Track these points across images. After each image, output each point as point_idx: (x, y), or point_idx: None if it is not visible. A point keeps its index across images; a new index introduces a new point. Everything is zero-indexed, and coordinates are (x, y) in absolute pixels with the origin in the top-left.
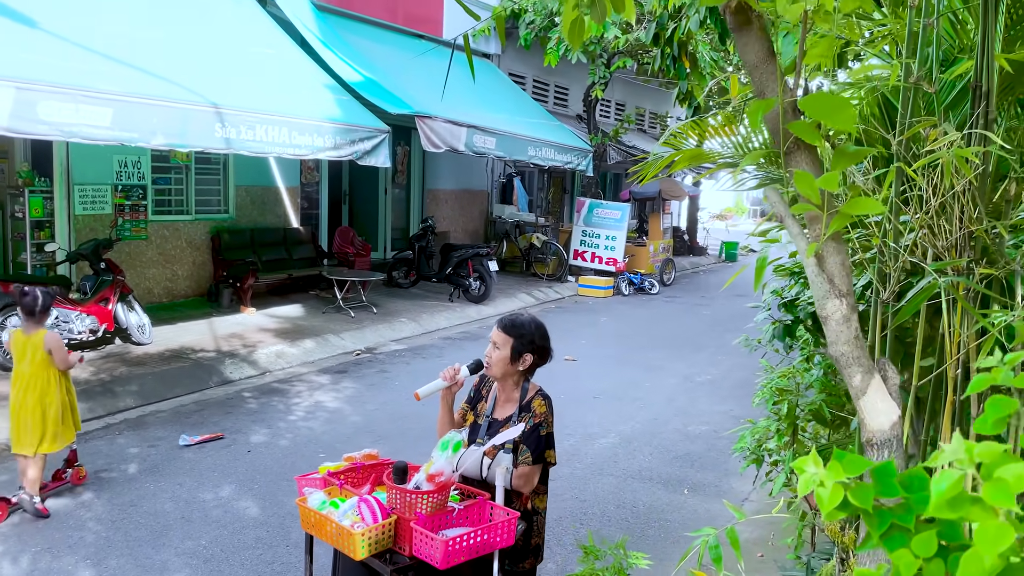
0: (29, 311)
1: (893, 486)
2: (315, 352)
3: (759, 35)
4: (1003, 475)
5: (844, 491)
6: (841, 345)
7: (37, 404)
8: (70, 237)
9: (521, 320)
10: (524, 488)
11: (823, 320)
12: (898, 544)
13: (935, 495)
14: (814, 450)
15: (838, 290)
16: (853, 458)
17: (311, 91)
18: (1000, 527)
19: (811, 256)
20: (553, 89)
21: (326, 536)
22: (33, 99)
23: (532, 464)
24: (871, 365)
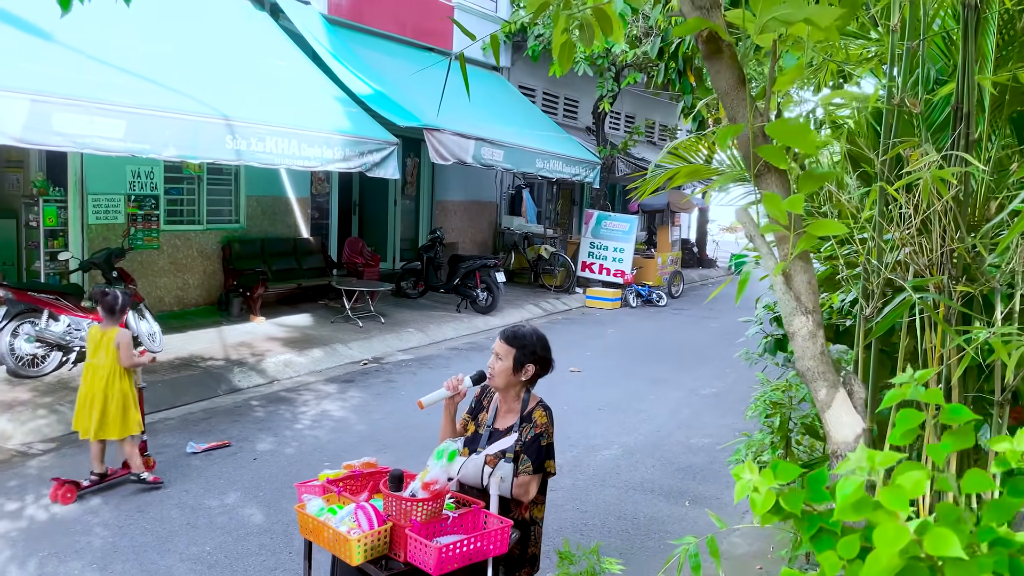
0: (109, 309)
1: (823, 493)
2: (323, 361)
3: (729, 64)
4: (900, 481)
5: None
6: (807, 360)
7: (100, 394)
8: (83, 246)
9: (523, 331)
10: (523, 497)
11: (790, 336)
12: (826, 546)
13: (839, 500)
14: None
15: (804, 307)
16: (786, 466)
17: (321, 103)
18: (897, 528)
19: (778, 275)
20: (563, 101)
21: (323, 542)
22: (48, 111)
23: (532, 473)
24: (836, 380)
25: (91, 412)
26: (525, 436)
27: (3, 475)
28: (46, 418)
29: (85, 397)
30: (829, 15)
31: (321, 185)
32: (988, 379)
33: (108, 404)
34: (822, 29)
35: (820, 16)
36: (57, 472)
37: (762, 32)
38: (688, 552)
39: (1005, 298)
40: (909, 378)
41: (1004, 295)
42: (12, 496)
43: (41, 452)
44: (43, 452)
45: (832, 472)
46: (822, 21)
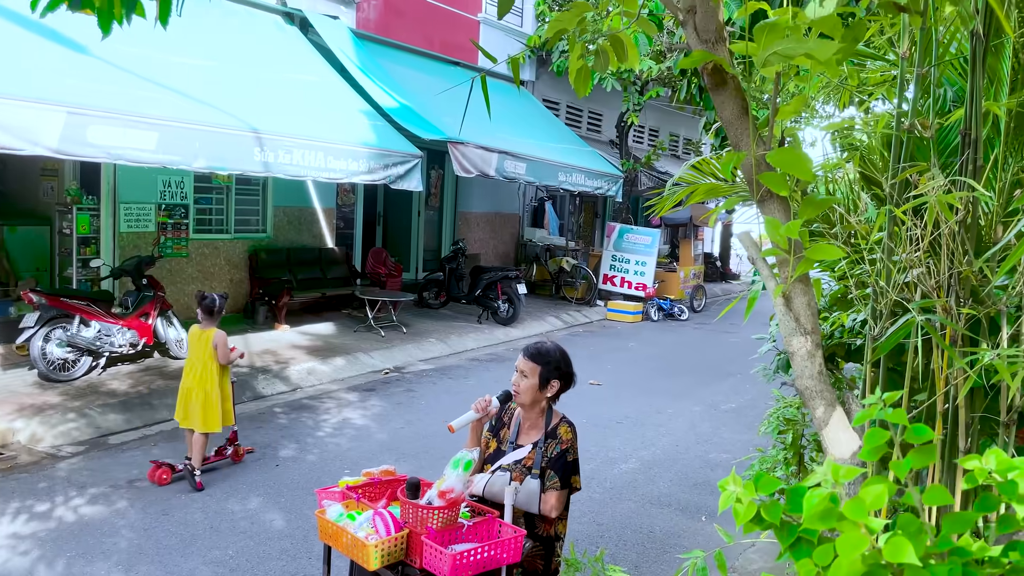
0: (207, 311)
1: (801, 505)
2: (345, 370)
3: (734, 94)
4: (863, 494)
5: (758, 508)
6: (805, 379)
7: (199, 388)
8: (114, 253)
9: (546, 348)
10: (552, 513)
11: (790, 355)
12: (803, 555)
13: (806, 510)
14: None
15: (803, 328)
16: (767, 478)
17: (348, 116)
18: (858, 536)
19: (778, 296)
20: (587, 115)
21: (342, 547)
22: (83, 123)
23: (559, 489)
24: (833, 398)
25: (189, 404)
26: (551, 452)
27: (33, 477)
28: (75, 422)
29: (185, 391)
30: (828, 50)
31: (347, 196)
32: (995, 400)
33: (206, 398)
34: (821, 63)
35: (819, 51)
36: (87, 475)
37: (765, 65)
38: (696, 566)
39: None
40: (877, 399)
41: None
42: (42, 498)
43: (70, 455)
44: (72, 455)
45: None
46: (821, 56)
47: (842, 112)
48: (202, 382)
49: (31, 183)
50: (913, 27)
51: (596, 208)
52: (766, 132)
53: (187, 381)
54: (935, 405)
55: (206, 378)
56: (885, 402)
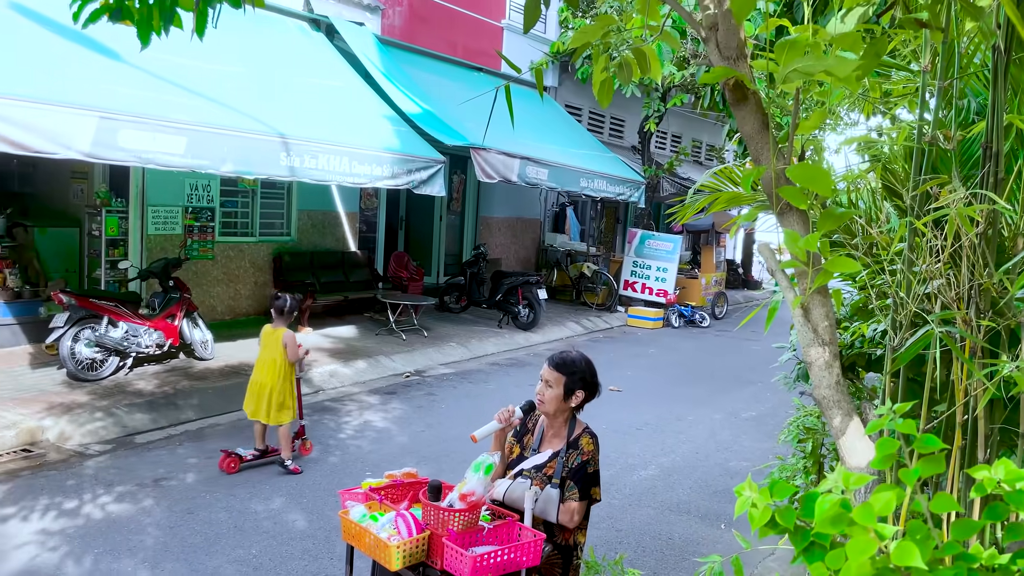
0: (279, 311)
1: (814, 510)
2: (367, 373)
3: (754, 110)
4: (872, 500)
5: (772, 512)
6: (823, 389)
7: (267, 383)
8: (142, 255)
9: (571, 357)
10: (569, 523)
11: (808, 365)
12: (816, 558)
13: (818, 514)
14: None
15: (821, 339)
16: (782, 484)
17: (372, 122)
18: (867, 540)
19: (797, 307)
20: (609, 121)
21: (364, 547)
22: (114, 127)
23: (579, 500)
24: (851, 408)
25: (258, 398)
26: (572, 463)
27: (62, 474)
28: (103, 421)
29: (254, 385)
30: (847, 67)
31: (370, 200)
32: (1015, 411)
33: (273, 392)
34: (840, 80)
35: (838, 68)
36: (114, 473)
37: (786, 81)
38: (713, 570)
39: None
40: (888, 410)
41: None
42: (70, 495)
43: (98, 453)
44: (99, 453)
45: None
46: (840, 73)
47: (867, 120)
48: (272, 378)
49: (61, 185)
50: (935, 42)
51: (617, 214)
52: (786, 145)
53: (258, 376)
54: (954, 416)
55: (276, 374)
56: (896, 412)
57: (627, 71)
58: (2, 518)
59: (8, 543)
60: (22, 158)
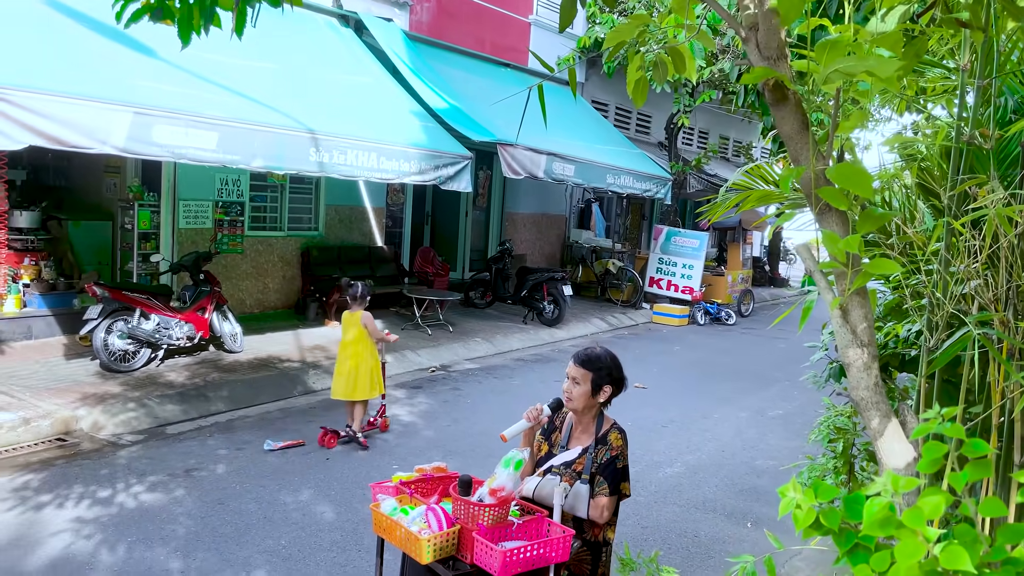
0: (353, 297)
1: (860, 512)
2: (392, 367)
3: (794, 110)
4: (921, 504)
5: (817, 514)
6: (861, 390)
7: (353, 364)
8: (173, 249)
9: (596, 354)
10: (600, 519)
11: (845, 366)
12: (861, 560)
13: (866, 517)
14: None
15: (860, 340)
16: (825, 487)
17: (400, 118)
18: (915, 544)
19: (835, 308)
20: (635, 117)
21: (395, 540)
22: (148, 123)
23: (609, 496)
24: (888, 410)
25: (346, 379)
26: (601, 458)
27: (95, 464)
28: (135, 411)
29: (342, 367)
30: (889, 67)
31: (396, 196)
32: None
33: (359, 372)
34: (882, 80)
35: (881, 68)
36: (146, 463)
37: (826, 82)
38: (745, 571)
39: None
40: (936, 414)
41: None
42: (104, 484)
43: (130, 443)
44: (132, 443)
45: None
46: (883, 73)
47: (900, 117)
48: (357, 357)
49: (95, 179)
50: (974, 40)
51: (643, 210)
52: (825, 148)
53: (344, 359)
54: (990, 418)
55: (361, 353)
56: (944, 416)
57: (662, 70)
58: (38, 506)
59: (44, 531)
60: (57, 152)
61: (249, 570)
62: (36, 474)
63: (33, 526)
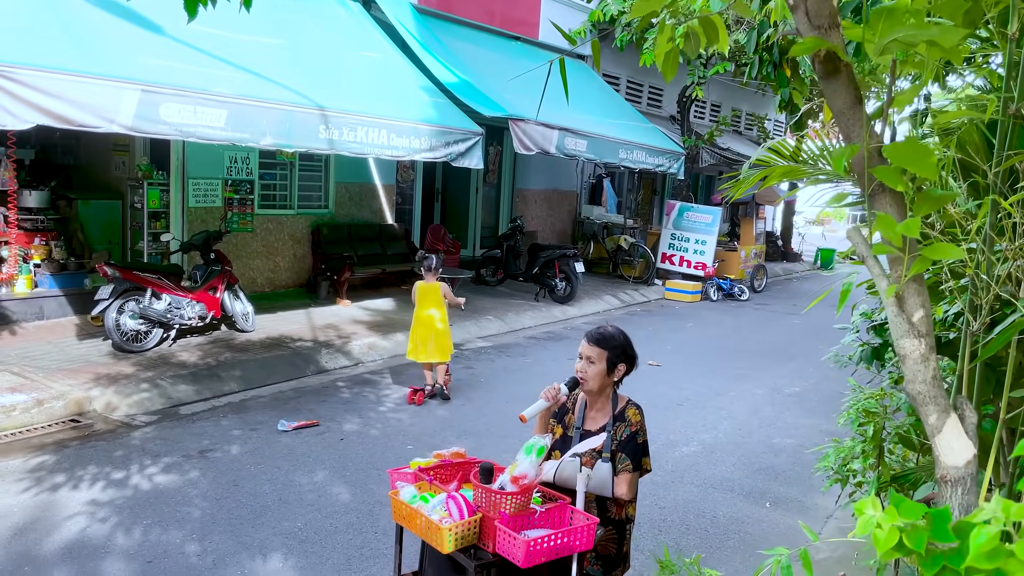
0: (428, 269)
1: (946, 531)
2: (405, 345)
3: (846, 83)
4: None
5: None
6: (918, 384)
7: (432, 329)
8: (183, 228)
9: (609, 332)
10: (627, 495)
11: (901, 358)
12: None
13: (972, 548)
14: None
15: (917, 330)
16: (910, 504)
17: (409, 93)
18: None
19: (891, 297)
20: (647, 90)
21: (416, 528)
22: (156, 101)
23: (632, 472)
24: (947, 404)
25: (425, 343)
26: (620, 435)
27: (110, 445)
28: (148, 392)
29: (421, 332)
30: (953, 35)
31: (406, 172)
32: None
33: (438, 336)
34: (945, 51)
35: (944, 37)
36: (160, 444)
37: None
38: (780, 564)
39: None
40: None
41: None
42: (118, 465)
43: (144, 424)
44: (146, 424)
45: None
46: (947, 42)
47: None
48: (434, 324)
49: (103, 158)
50: (1023, 8)
51: (655, 185)
52: (878, 124)
53: (420, 322)
54: None
55: (437, 319)
56: None
57: (694, 41)
58: (53, 487)
59: (59, 513)
60: (65, 131)
61: (266, 553)
62: (50, 456)
63: (48, 509)
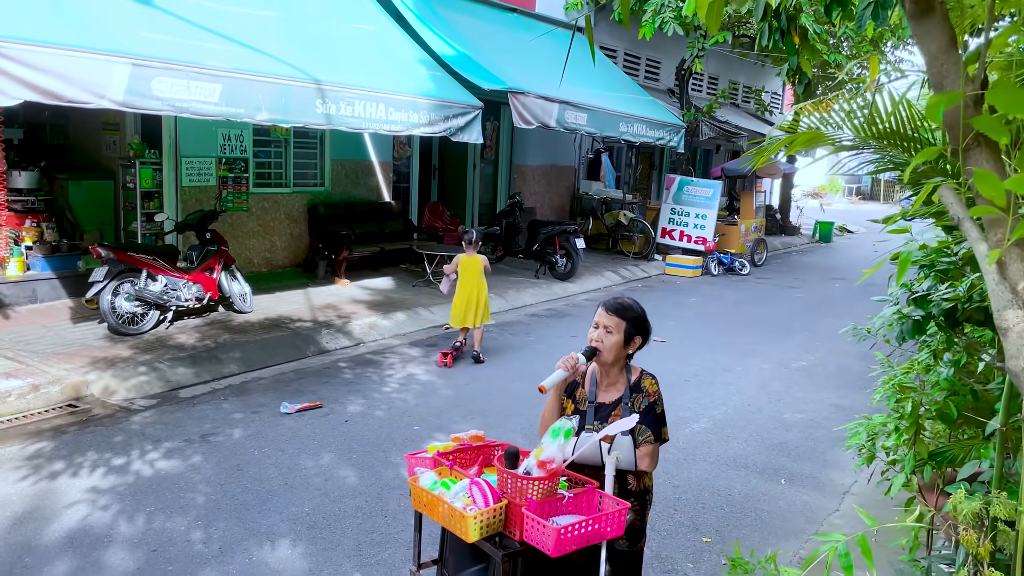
0: (469, 243)
1: None
2: (406, 325)
3: (941, 23)
4: None
5: None
6: (1022, 360)
7: (475, 297)
8: (177, 208)
9: (627, 303)
10: (650, 467)
11: (1002, 332)
12: None
13: None
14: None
15: (1021, 300)
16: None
17: (407, 67)
18: None
19: (992, 263)
20: (644, 63)
21: (438, 516)
22: (148, 75)
23: (653, 443)
24: None
25: (466, 309)
26: (639, 406)
27: (108, 430)
28: (147, 375)
29: (465, 299)
30: None
31: (403, 149)
32: None
33: (478, 304)
34: None
35: None
36: (161, 429)
37: None
38: (837, 551)
39: None
40: None
41: None
42: (118, 451)
43: (143, 408)
44: (145, 408)
45: (981, 475)
46: None
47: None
48: (478, 291)
49: (94, 137)
50: None
51: (653, 159)
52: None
53: (465, 292)
54: None
55: (480, 288)
56: None
57: None
58: (52, 475)
59: (59, 501)
60: (53, 109)
61: (274, 539)
62: (48, 442)
63: (48, 497)
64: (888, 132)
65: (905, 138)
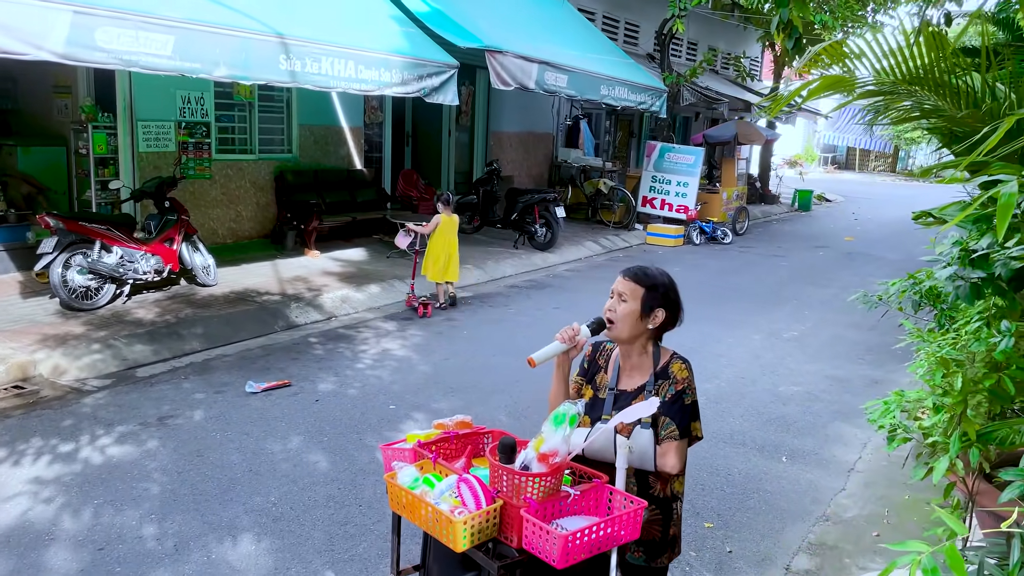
0: (445, 203)
1: None
2: (380, 297)
3: None
4: None
5: None
6: None
7: (448, 255)
8: (134, 175)
9: (651, 271)
10: (674, 468)
11: None
12: None
13: None
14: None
15: None
16: None
17: (377, 22)
18: None
19: None
20: (624, 26)
21: (419, 520)
22: (91, 24)
23: (678, 439)
24: None
25: (438, 264)
26: (664, 394)
27: (57, 414)
28: (100, 353)
29: (438, 256)
30: None
31: (374, 114)
32: None
33: (451, 260)
34: None
35: None
36: (115, 412)
37: None
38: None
39: None
40: None
41: None
42: (66, 437)
43: (96, 389)
44: (98, 389)
45: None
46: None
47: None
48: (451, 248)
49: (43, 101)
50: None
51: (632, 126)
52: None
53: (446, 248)
54: None
55: (453, 244)
56: None
57: None
58: None
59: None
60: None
61: (235, 534)
62: None
63: None
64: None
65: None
